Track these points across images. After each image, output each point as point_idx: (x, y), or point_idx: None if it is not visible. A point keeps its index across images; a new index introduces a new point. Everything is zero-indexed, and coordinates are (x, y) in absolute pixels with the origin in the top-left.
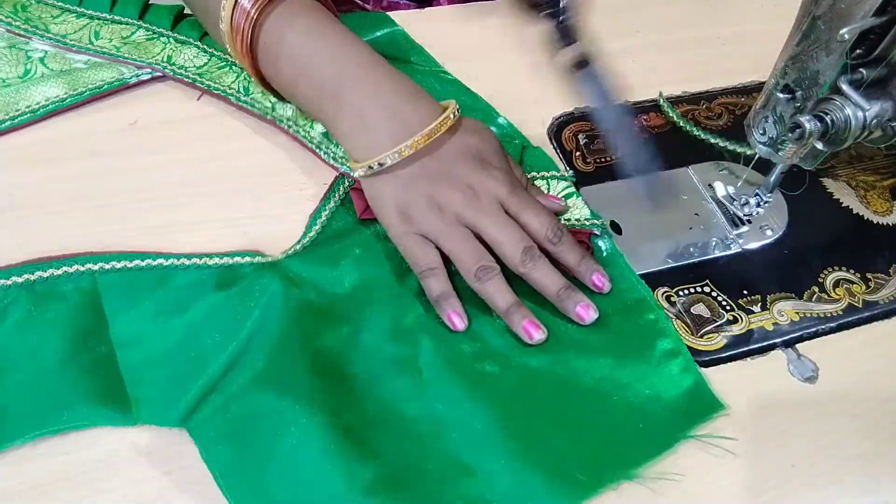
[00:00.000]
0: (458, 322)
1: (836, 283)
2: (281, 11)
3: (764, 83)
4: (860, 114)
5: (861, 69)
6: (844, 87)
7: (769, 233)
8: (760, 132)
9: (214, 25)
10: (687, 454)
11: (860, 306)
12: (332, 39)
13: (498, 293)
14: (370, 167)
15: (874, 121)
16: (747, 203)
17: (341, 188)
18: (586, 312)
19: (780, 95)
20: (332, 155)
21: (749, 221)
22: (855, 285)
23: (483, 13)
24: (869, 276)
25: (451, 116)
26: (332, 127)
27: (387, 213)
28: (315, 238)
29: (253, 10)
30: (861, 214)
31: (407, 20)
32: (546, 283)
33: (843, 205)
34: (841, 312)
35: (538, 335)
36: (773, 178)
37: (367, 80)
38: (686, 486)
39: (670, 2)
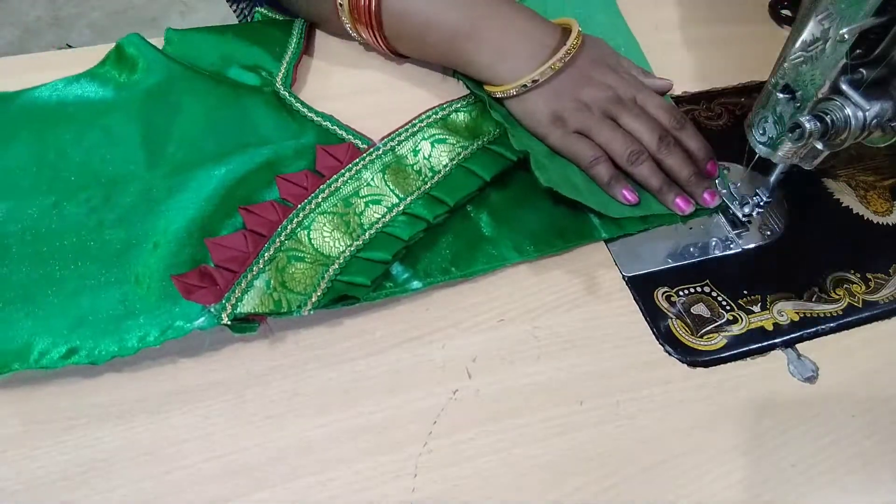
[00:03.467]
0: (631, 197)
1: (836, 283)
2: None
3: (764, 83)
4: (860, 114)
5: (861, 69)
6: (844, 87)
7: (769, 233)
8: (760, 132)
9: (321, 3)
10: (687, 454)
11: (860, 306)
12: None
13: (651, 174)
14: (524, 85)
15: (874, 121)
16: (747, 203)
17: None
18: (712, 198)
19: (780, 95)
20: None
21: (749, 222)
22: (855, 285)
23: None
24: (869, 276)
25: (580, 31)
26: (470, 64)
27: (544, 122)
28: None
29: None
30: (861, 214)
31: None
32: (680, 167)
33: (843, 205)
34: (841, 312)
35: (689, 207)
36: (772, 178)
37: (496, 15)
38: (686, 486)
39: (670, 2)
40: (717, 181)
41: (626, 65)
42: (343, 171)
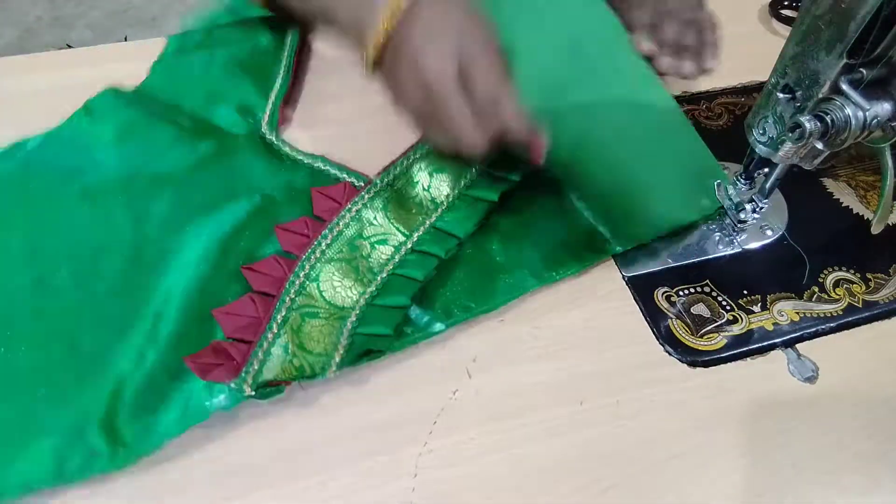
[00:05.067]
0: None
1: (836, 283)
2: None
3: (764, 83)
4: (860, 114)
5: (861, 69)
6: (844, 87)
7: (769, 233)
8: (760, 132)
9: None
10: (687, 454)
11: (860, 306)
12: None
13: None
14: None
15: (874, 121)
16: (743, 209)
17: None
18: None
19: (780, 95)
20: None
21: (749, 221)
22: (855, 285)
23: None
24: (869, 276)
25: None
26: (333, 16)
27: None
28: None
29: None
30: (861, 214)
31: None
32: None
33: (843, 205)
34: (841, 312)
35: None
36: (769, 183)
37: None
38: (686, 486)
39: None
40: (716, 182)
41: (437, 54)
42: (343, 212)
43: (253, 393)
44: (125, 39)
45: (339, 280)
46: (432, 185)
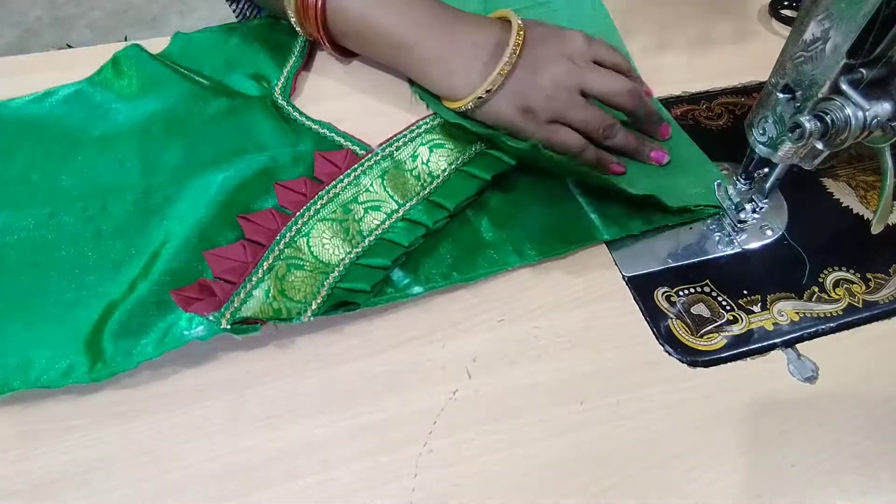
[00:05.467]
0: (620, 168)
1: (836, 283)
2: None
3: (764, 83)
4: (860, 114)
5: (861, 69)
6: (844, 87)
7: (769, 233)
8: (760, 132)
9: None
10: (687, 454)
11: (860, 306)
12: None
13: (625, 140)
14: (479, 97)
15: (874, 121)
16: (743, 210)
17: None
18: (659, 156)
19: (780, 95)
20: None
21: (749, 221)
22: (855, 285)
23: None
24: (869, 276)
25: (520, 23)
26: (422, 80)
27: (516, 120)
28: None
29: None
30: (861, 214)
31: None
32: (648, 116)
33: (843, 205)
34: (841, 312)
35: (665, 158)
36: (768, 183)
37: (436, 22)
38: (686, 486)
39: (670, 2)
40: (716, 182)
41: (571, 33)
42: (342, 176)
43: (228, 327)
44: (125, 39)
45: (328, 238)
46: (431, 159)
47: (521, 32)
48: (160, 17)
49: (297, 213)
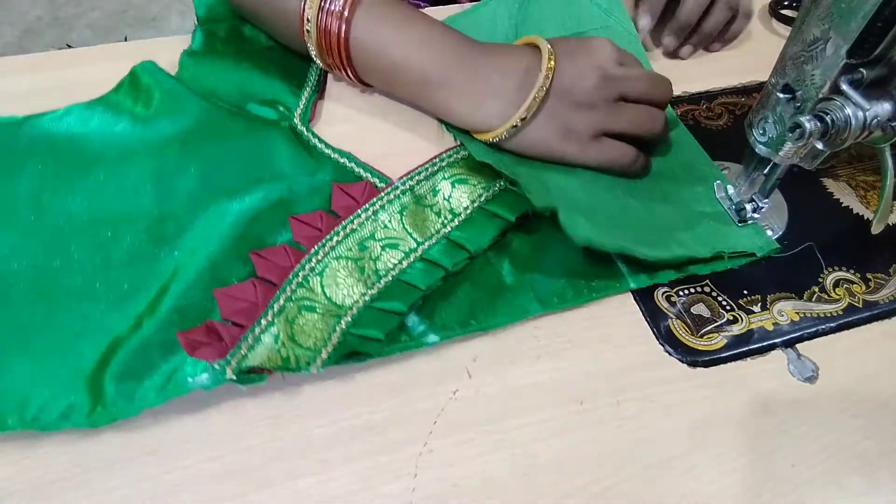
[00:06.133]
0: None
1: (836, 283)
2: (368, 9)
3: (764, 83)
4: (860, 114)
5: (861, 69)
6: (844, 87)
7: (769, 233)
8: (760, 132)
9: (289, 26)
10: (687, 454)
11: (860, 306)
12: (422, 29)
13: (662, 127)
14: (514, 126)
15: (874, 121)
16: (743, 209)
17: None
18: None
19: (780, 95)
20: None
21: (749, 221)
22: (855, 285)
23: None
24: (869, 276)
25: (550, 48)
26: (449, 114)
27: (554, 145)
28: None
29: (346, 11)
30: (861, 214)
31: None
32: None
33: (843, 205)
34: (841, 312)
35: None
36: (773, 178)
37: (464, 57)
38: (686, 486)
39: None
40: (716, 182)
41: (597, 42)
42: (359, 211)
43: (234, 377)
44: (125, 39)
45: (342, 277)
46: (453, 195)
47: (552, 59)
48: (160, 17)
49: (312, 250)
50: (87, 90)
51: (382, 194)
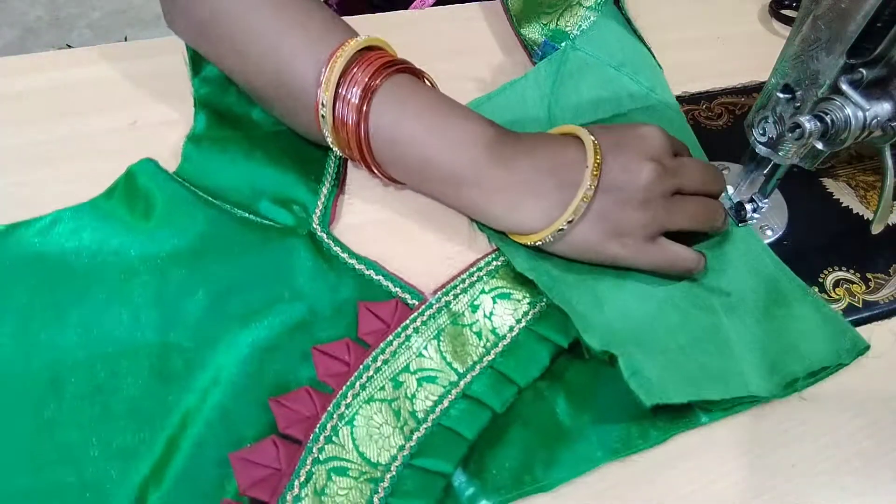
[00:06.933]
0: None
1: (836, 283)
2: (386, 97)
3: (764, 83)
4: (860, 114)
5: (861, 69)
6: (844, 87)
7: (769, 233)
8: (760, 132)
9: (300, 113)
10: (687, 454)
11: (860, 306)
12: (448, 120)
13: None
14: (560, 229)
15: (874, 121)
16: (743, 208)
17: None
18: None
19: (780, 95)
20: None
21: (749, 221)
22: (855, 285)
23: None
24: (869, 276)
25: (593, 140)
26: (485, 215)
27: (608, 251)
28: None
29: (362, 103)
30: (861, 214)
31: (397, 22)
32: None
33: (843, 205)
34: (841, 312)
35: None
36: (773, 178)
37: (501, 152)
38: (686, 486)
39: (670, 2)
40: None
41: (647, 130)
42: (390, 338)
43: None
44: (125, 39)
45: (376, 426)
46: (495, 312)
47: (598, 149)
48: (160, 17)
49: (339, 394)
50: (87, 90)
51: (416, 314)
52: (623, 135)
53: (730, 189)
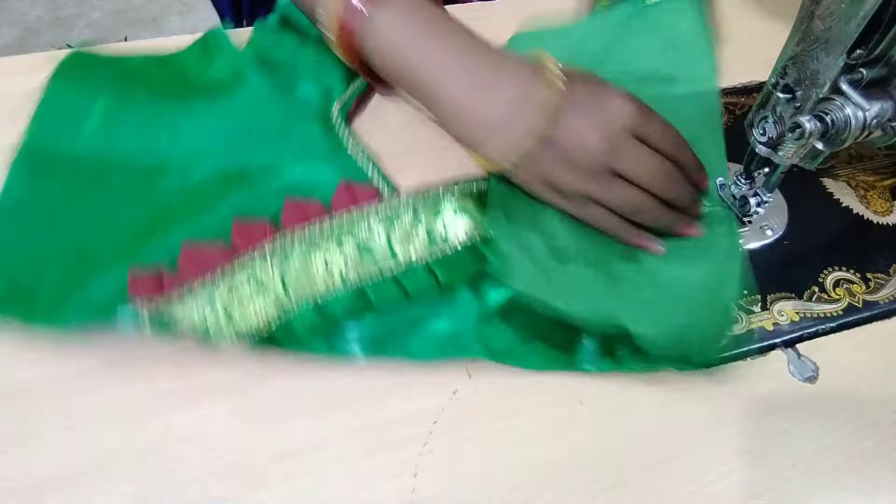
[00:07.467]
0: (657, 248)
1: (836, 283)
2: (390, 11)
3: (764, 83)
4: (860, 114)
5: (861, 69)
6: (844, 87)
7: (769, 233)
8: (760, 132)
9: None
10: (687, 454)
11: (860, 306)
12: (439, 32)
13: (656, 218)
14: (504, 168)
15: (874, 121)
16: (747, 203)
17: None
18: (692, 232)
19: (780, 95)
20: None
21: (749, 221)
22: (855, 285)
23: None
24: (869, 276)
25: (562, 87)
26: (451, 126)
27: (544, 196)
28: None
29: (365, 9)
30: (861, 214)
31: None
32: (682, 197)
33: (843, 205)
34: (841, 312)
35: (696, 231)
36: (773, 178)
37: (472, 68)
38: (686, 486)
39: None
40: (717, 181)
41: (616, 99)
42: (353, 209)
43: (146, 317)
44: (125, 39)
45: (303, 269)
46: (455, 223)
47: (561, 105)
48: (160, 17)
49: (285, 232)
50: None
51: (384, 203)
52: (594, 93)
53: (732, 188)
